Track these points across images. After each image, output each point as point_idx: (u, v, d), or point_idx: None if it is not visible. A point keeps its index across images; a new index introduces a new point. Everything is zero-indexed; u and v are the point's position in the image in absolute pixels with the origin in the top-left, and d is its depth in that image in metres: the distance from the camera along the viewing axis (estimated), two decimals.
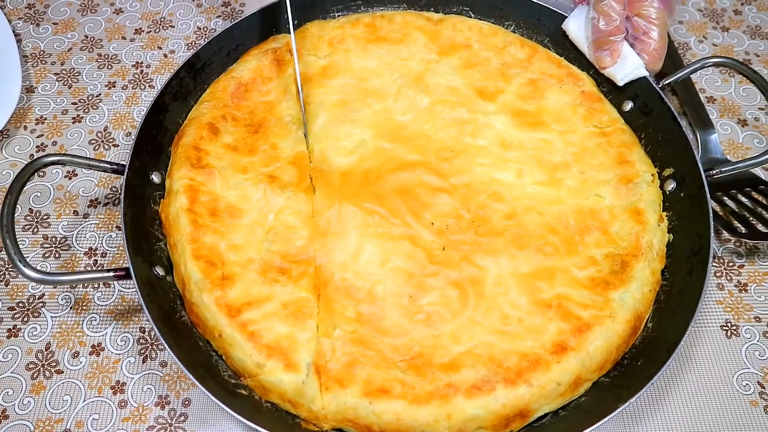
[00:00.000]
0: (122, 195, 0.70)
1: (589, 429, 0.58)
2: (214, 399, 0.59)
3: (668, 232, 0.73)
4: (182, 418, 0.69)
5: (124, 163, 0.73)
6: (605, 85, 0.83)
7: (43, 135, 0.89)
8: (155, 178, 0.77)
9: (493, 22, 0.89)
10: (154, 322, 0.63)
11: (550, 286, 0.68)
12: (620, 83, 0.80)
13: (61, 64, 0.96)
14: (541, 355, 0.63)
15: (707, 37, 0.99)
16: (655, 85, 0.79)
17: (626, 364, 0.66)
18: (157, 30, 1.00)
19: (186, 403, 0.70)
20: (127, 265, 0.67)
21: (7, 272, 0.78)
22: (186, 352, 0.64)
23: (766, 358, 0.72)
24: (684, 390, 0.70)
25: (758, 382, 0.70)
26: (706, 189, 0.71)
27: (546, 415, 0.64)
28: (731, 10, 1.02)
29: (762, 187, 0.80)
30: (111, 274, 0.67)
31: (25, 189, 0.78)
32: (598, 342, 0.64)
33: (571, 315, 0.65)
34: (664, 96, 0.78)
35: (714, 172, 0.74)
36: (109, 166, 0.73)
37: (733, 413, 0.68)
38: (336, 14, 0.90)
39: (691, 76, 0.90)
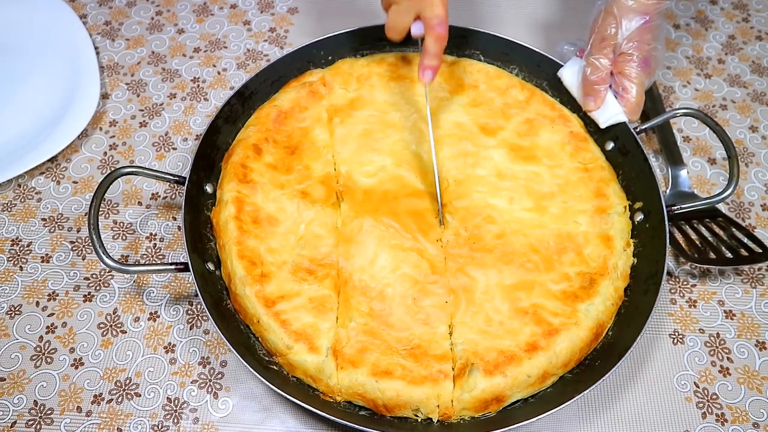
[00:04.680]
0: (183, 203, 0.85)
1: (549, 412, 0.72)
2: (253, 371, 0.74)
3: (633, 257, 0.87)
4: (220, 375, 0.84)
5: (184, 174, 0.88)
6: (592, 126, 0.96)
7: (114, 136, 1.05)
8: (208, 188, 0.92)
9: (499, 65, 1.02)
10: (207, 308, 0.78)
11: (528, 296, 0.82)
12: (602, 126, 0.94)
13: (131, 76, 1.12)
14: (515, 352, 0.77)
15: (691, 82, 1.12)
16: (632, 130, 0.92)
17: (587, 364, 0.80)
18: (212, 50, 1.15)
19: (223, 364, 0.85)
20: (186, 261, 0.82)
21: (84, 249, 0.93)
22: (231, 334, 0.79)
23: (704, 363, 0.85)
24: (635, 387, 0.83)
25: (694, 383, 0.84)
26: (666, 223, 0.84)
27: (518, 401, 0.78)
28: (716, 59, 1.15)
29: (720, 219, 0.94)
30: (173, 267, 0.83)
31: (98, 181, 0.96)
32: (563, 344, 0.78)
33: (543, 321, 0.80)
34: (639, 140, 0.91)
35: (675, 207, 0.88)
36: (172, 177, 0.89)
37: (670, 407, 0.82)
38: (364, 52, 1.04)
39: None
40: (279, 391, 0.73)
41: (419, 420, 0.76)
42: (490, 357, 0.77)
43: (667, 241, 0.83)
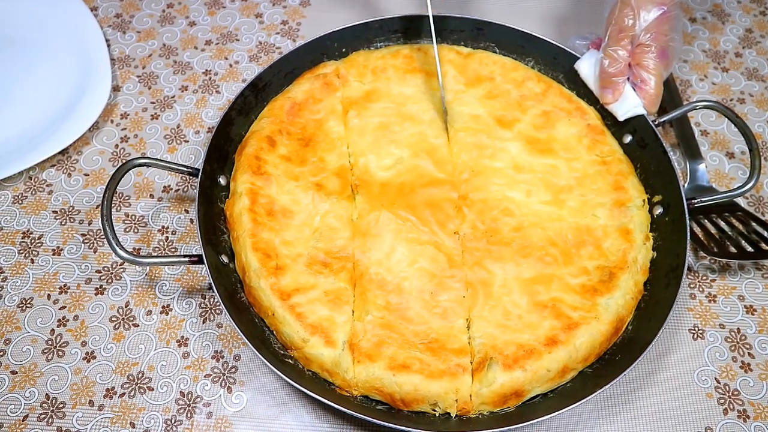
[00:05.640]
0: (197, 195, 0.84)
1: (569, 408, 0.71)
2: (269, 365, 0.73)
3: (653, 250, 0.85)
4: (233, 369, 0.83)
5: (197, 166, 0.87)
6: (609, 119, 0.95)
7: (126, 129, 1.04)
8: (222, 180, 0.91)
9: (515, 58, 1.01)
10: (221, 300, 0.77)
11: (547, 290, 0.81)
12: (620, 119, 0.92)
13: (143, 68, 1.11)
14: (535, 346, 0.76)
15: (708, 76, 1.11)
16: (651, 123, 0.91)
17: (607, 359, 0.79)
18: (224, 42, 1.14)
19: (236, 358, 0.84)
20: (200, 252, 0.81)
21: (95, 242, 0.93)
22: (245, 327, 0.78)
23: (725, 358, 0.84)
24: (654, 382, 0.82)
25: (715, 378, 0.83)
26: (687, 217, 0.83)
27: (537, 396, 0.77)
28: (733, 53, 1.14)
29: (739, 213, 0.92)
30: (186, 260, 0.81)
31: (110, 173, 0.95)
32: (583, 338, 0.77)
33: (563, 315, 0.78)
34: (658, 133, 0.90)
35: (695, 201, 0.86)
36: (185, 169, 0.87)
37: (691, 403, 0.81)
38: (378, 44, 1.03)
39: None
40: (295, 384, 0.72)
41: (437, 415, 0.75)
42: (509, 351, 0.76)
43: (688, 234, 0.82)
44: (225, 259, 0.85)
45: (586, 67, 0.95)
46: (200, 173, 0.86)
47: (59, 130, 0.99)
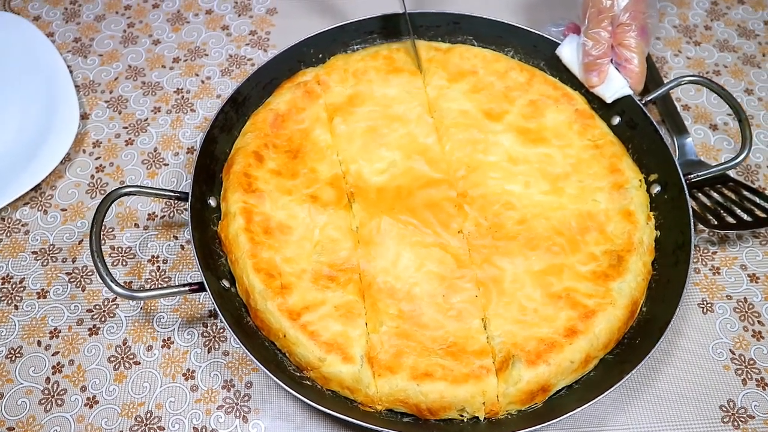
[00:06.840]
0: (189, 219, 0.81)
1: (599, 398, 0.70)
2: (288, 389, 0.70)
3: (655, 229, 0.85)
4: (246, 397, 0.80)
5: (182, 189, 0.84)
6: (595, 102, 0.95)
7: (100, 157, 0.99)
8: (212, 202, 0.87)
9: (494, 49, 1.00)
10: (229, 327, 0.73)
11: (559, 280, 0.80)
12: (608, 101, 0.92)
13: (110, 92, 1.06)
14: (555, 338, 0.75)
15: (682, 51, 1.12)
16: (639, 102, 0.91)
17: (626, 343, 0.78)
18: (193, 58, 1.10)
19: (248, 385, 0.81)
20: (199, 280, 0.77)
21: (83, 279, 0.88)
22: (257, 351, 0.75)
23: (736, 329, 0.85)
24: (671, 361, 0.82)
25: (730, 350, 0.83)
26: (686, 192, 0.83)
27: (562, 389, 0.76)
28: (702, 26, 1.15)
29: (731, 184, 0.93)
30: (186, 289, 0.78)
31: (89, 206, 0.91)
32: (602, 325, 0.76)
33: (578, 304, 0.77)
34: (646, 111, 0.90)
35: (691, 176, 0.87)
36: (173, 194, 0.84)
37: (710, 377, 0.81)
38: (355, 47, 1.01)
39: None
40: (318, 406, 0.70)
41: (465, 420, 0.74)
42: (530, 346, 0.74)
43: (690, 210, 0.82)
44: (226, 283, 0.81)
45: (569, 53, 0.95)
46: (190, 196, 0.82)
47: (29, 166, 0.93)
